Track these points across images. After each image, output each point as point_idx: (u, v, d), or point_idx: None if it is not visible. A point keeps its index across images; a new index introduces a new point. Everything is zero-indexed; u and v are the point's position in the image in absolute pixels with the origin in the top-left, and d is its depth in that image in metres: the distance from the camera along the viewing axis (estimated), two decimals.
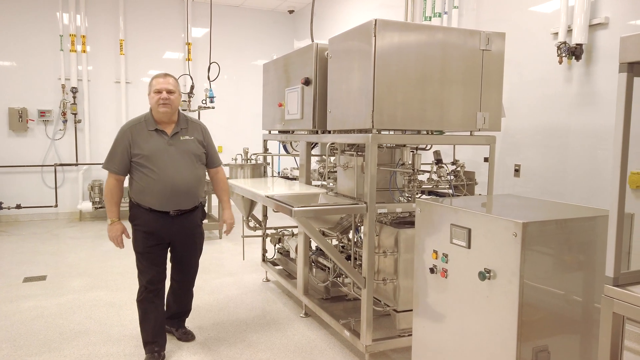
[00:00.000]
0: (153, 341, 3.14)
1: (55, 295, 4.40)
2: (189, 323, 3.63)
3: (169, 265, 3.27)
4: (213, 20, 8.16)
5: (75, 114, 7.89)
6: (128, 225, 3.15)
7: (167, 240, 3.11)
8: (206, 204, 7.14)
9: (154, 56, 8.41)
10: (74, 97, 7.85)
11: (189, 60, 8.54)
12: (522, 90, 4.30)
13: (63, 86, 7.78)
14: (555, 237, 1.96)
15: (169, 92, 2.97)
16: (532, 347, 1.91)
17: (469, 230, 2.06)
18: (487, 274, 1.96)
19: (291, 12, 9.10)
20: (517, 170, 4.35)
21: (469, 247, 2.07)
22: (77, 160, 8.02)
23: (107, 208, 3.04)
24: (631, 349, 3.40)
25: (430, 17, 5.28)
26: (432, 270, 2.27)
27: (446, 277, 2.20)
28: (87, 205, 7.92)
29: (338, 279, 3.73)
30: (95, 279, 4.86)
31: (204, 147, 3.14)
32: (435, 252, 2.26)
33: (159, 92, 2.96)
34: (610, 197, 1.47)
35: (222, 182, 3.35)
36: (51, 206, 7.95)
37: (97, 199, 7.92)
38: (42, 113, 7.71)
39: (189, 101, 8.34)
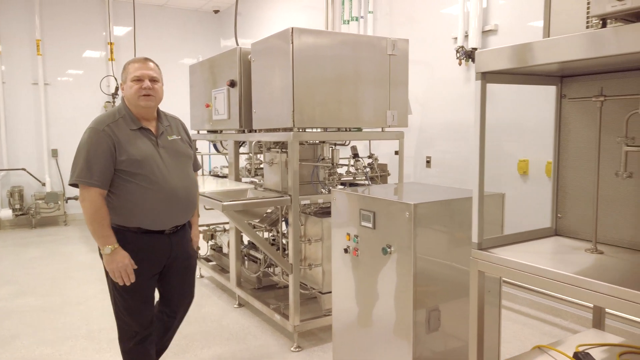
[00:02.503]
0: None
1: None
2: None
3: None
4: (136, 20, 8.08)
5: None
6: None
7: (160, 267, 2.51)
8: None
9: (73, 56, 8.17)
10: None
11: (112, 60, 8.38)
12: (433, 89, 4.76)
13: None
14: (442, 215, 2.34)
15: (152, 79, 2.39)
16: (425, 309, 2.27)
17: (374, 213, 2.40)
18: (388, 249, 2.31)
19: (216, 12, 9.18)
20: (428, 162, 4.82)
21: (374, 227, 2.41)
22: None
23: (98, 234, 2.29)
24: (518, 311, 3.95)
25: (348, 21, 5.64)
26: (346, 251, 2.59)
27: (357, 255, 2.53)
28: (6, 213, 7.56)
29: (269, 269, 3.98)
30: (22, 286, 4.77)
31: (190, 146, 2.64)
32: (349, 234, 2.58)
33: (139, 79, 2.35)
34: (472, 179, 1.85)
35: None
36: None
37: (17, 206, 7.60)
38: None
39: (114, 102, 8.21)
